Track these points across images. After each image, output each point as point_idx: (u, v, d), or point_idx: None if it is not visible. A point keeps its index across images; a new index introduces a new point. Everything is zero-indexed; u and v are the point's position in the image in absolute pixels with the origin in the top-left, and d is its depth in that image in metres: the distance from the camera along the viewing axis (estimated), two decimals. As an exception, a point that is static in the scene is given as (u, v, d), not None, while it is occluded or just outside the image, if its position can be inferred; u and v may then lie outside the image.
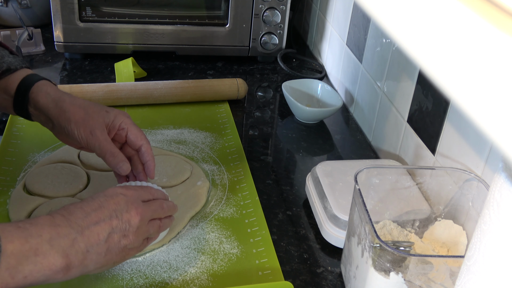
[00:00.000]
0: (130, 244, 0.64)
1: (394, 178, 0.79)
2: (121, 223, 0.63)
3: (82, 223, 0.60)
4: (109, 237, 0.61)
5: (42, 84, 0.77)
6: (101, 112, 0.76)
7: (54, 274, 0.56)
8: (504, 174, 0.42)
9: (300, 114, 1.12)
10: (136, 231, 0.64)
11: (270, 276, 0.74)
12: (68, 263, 0.57)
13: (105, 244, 0.61)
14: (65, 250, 0.57)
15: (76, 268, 0.58)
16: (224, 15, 1.27)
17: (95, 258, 0.60)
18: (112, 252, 0.62)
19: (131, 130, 0.77)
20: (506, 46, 0.21)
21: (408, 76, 0.92)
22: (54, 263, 0.55)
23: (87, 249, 0.59)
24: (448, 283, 0.61)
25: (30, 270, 0.54)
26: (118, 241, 0.62)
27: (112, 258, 0.62)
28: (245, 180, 0.92)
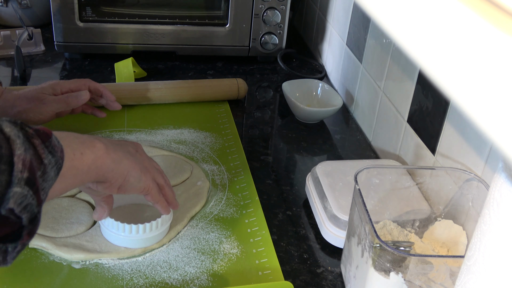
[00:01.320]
0: (139, 155, 0.70)
1: (394, 178, 0.79)
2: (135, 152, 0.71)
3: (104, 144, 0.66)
4: (119, 142, 0.70)
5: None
6: (38, 89, 0.92)
7: (100, 152, 0.62)
8: (504, 174, 0.42)
9: (300, 114, 1.12)
10: (143, 154, 0.73)
11: (270, 276, 0.74)
12: (105, 145, 0.63)
13: (117, 142, 0.69)
14: (97, 139, 0.64)
15: (111, 150, 0.64)
16: (224, 15, 1.27)
17: (114, 147, 0.66)
18: (123, 149, 0.68)
19: (69, 83, 0.94)
20: (506, 46, 0.21)
21: (408, 76, 0.92)
22: (96, 145, 0.62)
23: (107, 141, 0.66)
24: (448, 283, 0.61)
25: (82, 148, 0.60)
26: (126, 145, 0.70)
27: (125, 152, 0.67)
28: (245, 180, 0.92)
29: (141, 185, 0.69)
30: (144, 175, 0.69)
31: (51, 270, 0.71)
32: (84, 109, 0.99)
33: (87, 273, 0.71)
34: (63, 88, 0.93)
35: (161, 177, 0.73)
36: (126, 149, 0.69)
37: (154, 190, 0.71)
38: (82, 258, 0.73)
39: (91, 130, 1.01)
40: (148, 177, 0.70)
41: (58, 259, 0.73)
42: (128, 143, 0.72)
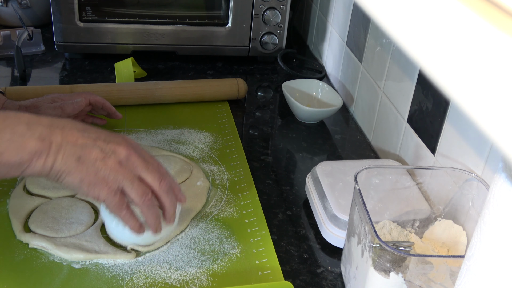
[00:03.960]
0: (105, 172, 0.61)
1: (394, 178, 0.79)
2: (105, 146, 0.62)
3: (66, 123, 0.61)
4: (87, 148, 0.60)
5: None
6: (36, 103, 0.88)
7: (28, 155, 0.56)
8: (504, 174, 0.42)
9: (300, 114, 1.12)
10: (118, 163, 0.61)
11: (270, 276, 0.74)
12: (42, 149, 0.57)
13: (80, 150, 0.60)
14: (41, 135, 0.57)
15: (50, 157, 0.58)
16: (224, 15, 1.27)
17: (66, 158, 0.59)
18: (84, 165, 0.60)
19: (70, 96, 0.92)
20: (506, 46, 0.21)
21: (408, 76, 0.92)
22: (30, 143, 0.56)
23: (62, 143, 0.59)
24: (448, 283, 0.61)
25: (6, 147, 0.55)
26: (95, 159, 0.61)
27: (82, 172, 0.60)
28: (245, 180, 0.92)
29: (89, 194, 0.62)
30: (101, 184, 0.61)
31: (51, 270, 0.71)
32: (84, 118, 0.98)
33: (87, 273, 0.71)
34: (62, 98, 0.92)
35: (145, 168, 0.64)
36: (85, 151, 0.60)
37: (112, 203, 0.63)
38: (82, 258, 0.73)
39: (91, 130, 1.01)
40: (100, 188, 0.61)
41: (58, 259, 0.73)
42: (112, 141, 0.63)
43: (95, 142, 0.61)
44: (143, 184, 0.64)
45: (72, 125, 0.61)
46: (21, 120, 0.57)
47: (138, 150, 0.65)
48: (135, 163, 0.64)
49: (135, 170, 0.64)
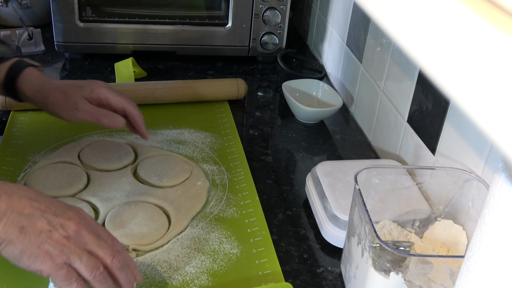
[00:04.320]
0: (50, 245, 0.57)
1: (394, 178, 0.79)
2: (54, 219, 0.58)
3: (16, 190, 0.58)
4: (32, 219, 0.57)
5: (26, 75, 0.84)
6: (76, 89, 0.83)
7: None
8: (504, 174, 0.42)
9: (300, 114, 1.12)
10: (65, 238, 0.57)
11: (270, 276, 0.74)
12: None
13: (25, 221, 0.56)
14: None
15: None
16: (224, 15, 1.27)
17: (8, 226, 0.55)
18: (27, 236, 0.56)
19: (110, 98, 0.84)
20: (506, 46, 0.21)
21: (408, 76, 0.92)
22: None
23: (6, 211, 0.56)
24: (448, 283, 0.61)
25: None
26: (39, 231, 0.56)
27: (24, 243, 0.56)
28: (245, 180, 0.92)
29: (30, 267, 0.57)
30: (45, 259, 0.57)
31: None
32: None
33: None
34: (102, 97, 0.84)
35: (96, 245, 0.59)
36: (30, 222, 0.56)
37: (58, 277, 0.57)
38: (82, 258, 0.73)
39: (91, 130, 1.01)
40: (43, 262, 0.57)
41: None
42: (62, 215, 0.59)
43: (43, 213, 0.57)
44: (93, 258, 0.58)
45: (23, 192, 0.58)
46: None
47: (91, 226, 0.60)
48: (85, 238, 0.59)
49: (84, 245, 0.59)
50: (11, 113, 1.04)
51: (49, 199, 0.60)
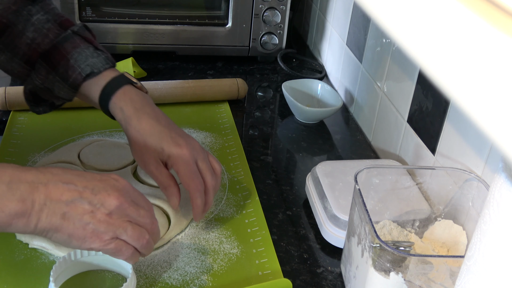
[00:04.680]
0: (95, 225, 0.58)
1: (394, 178, 0.79)
2: (94, 198, 0.58)
3: (51, 177, 0.57)
4: (73, 203, 0.57)
5: (117, 99, 0.75)
6: (157, 148, 0.73)
7: (9, 218, 0.54)
8: (504, 174, 0.42)
9: (300, 114, 1.12)
10: (109, 215, 0.59)
11: (270, 276, 0.74)
12: (23, 210, 0.55)
13: (65, 207, 0.57)
14: (23, 195, 0.55)
15: (32, 218, 0.55)
16: (224, 15, 1.27)
17: (50, 216, 0.56)
18: (70, 221, 0.57)
19: (181, 175, 0.72)
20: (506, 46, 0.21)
21: (408, 76, 0.92)
22: (9, 205, 0.54)
23: (45, 201, 0.56)
24: (448, 283, 0.61)
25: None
26: (82, 213, 0.57)
27: (68, 229, 0.57)
28: (245, 180, 0.92)
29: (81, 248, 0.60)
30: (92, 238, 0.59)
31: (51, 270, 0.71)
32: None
33: (87, 273, 0.71)
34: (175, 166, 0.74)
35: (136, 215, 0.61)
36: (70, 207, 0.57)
37: (109, 252, 0.61)
38: (82, 258, 0.73)
39: (91, 130, 1.01)
40: (91, 242, 0.59)
41: (58, 259, 0.73)
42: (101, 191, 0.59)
43: (82, 195, 0.58)
44: (137, 227, 0.61)
45: (57, 177, 0.58)
46: (1, 179, 0.54)
47: (129, 195, 0.62)
48: (126, 210, 0.61)
49: (127, 217, 0.61)
50: (11, 113, 1.04)
51: (84, 177, 0.60)
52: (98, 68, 0.77)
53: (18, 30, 0.77)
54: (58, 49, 0.77)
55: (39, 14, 0.78)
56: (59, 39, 0.78)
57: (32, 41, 0.77)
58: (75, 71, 0.76)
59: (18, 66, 0.79)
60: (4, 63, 0.79)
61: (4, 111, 1.04)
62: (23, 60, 0.78)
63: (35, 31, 0.77)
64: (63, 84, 0.78)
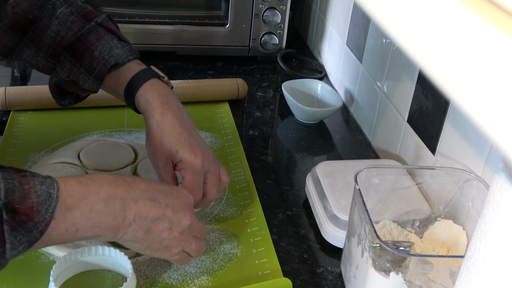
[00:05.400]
0: (169, 241, 0.65)
1: (394, 178, 0.79)
2: (173, 216, 0.64)
3: (141, 194, 0.62)
4: (157, 220, 0.62)
5: (144, 90, 0.75)
6: (172, 148, 0.72)
7: (102, 231, 0.58)
8: (504, 174, 0.42)
9: (300, 114, 1.12)
10: (181, 233, 0.65)
11: (270, 276, 0.74)
12: (115, 225, 0.59)
13: (150, 223, 0.62)
14: (116, 212, 0.59)
15: (121, 231, 0.60)
16: (224, 15, 1.27)
17: (136, 231, 0.61)
18: (151, 235, 0.63)
19: (185, 182, 0.72)
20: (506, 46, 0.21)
21: (408, 76, 0.92)
22: (104, 221, 0.58)
23: (134, 218, 0.60)
24: (448, 283, 0.61)
25: (82, 224, 0.56)
26: (162, 230, 0.63)
27: (148, 241, 0.63)
28: (245, 180, 0.92)
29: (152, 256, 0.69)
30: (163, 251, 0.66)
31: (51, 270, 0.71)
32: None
33: (88, 273, 0.71)
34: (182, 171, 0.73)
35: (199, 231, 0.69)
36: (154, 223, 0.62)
37: (174, 261, 0.69)
38: (82, 258, 0.73)
39: (91, 130, 1.01)
40: (163, 253, 0.66)
41: (58, 259, 0.73)
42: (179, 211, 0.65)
43: (164, 212, 0.63)
44: (198, 241, 0.69)
45: (145, 195, 0.62)
46: (100, 195, 0.58)
47: (193, 211, 0.69)
48: (194, 228, 0.67)
49: (193, 233, 0.68)
50: (11, 113, 1.04)
51: (166, 194, 0.65)
52: (122, 59, 0.77)
53: (44, 24, 0.78)
54: (82, 41, 0.78)
55: (63, 7, 0.79)
56: (83, 31, 0.78)
57: (56, 35, 0.78)
58: (99, 63, 0.77)
59: (43, 60, 0.80)
60: (29, 57, 0.80)
61: (4, 111, 1.04)
62: (48, 54, 0.79)
63: (59, 24, 0.78)
64: (88, 76, 0.78)
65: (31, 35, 0.78)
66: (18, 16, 0.77)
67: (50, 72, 0.82)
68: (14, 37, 0.78)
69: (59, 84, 0.82)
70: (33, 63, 0.81)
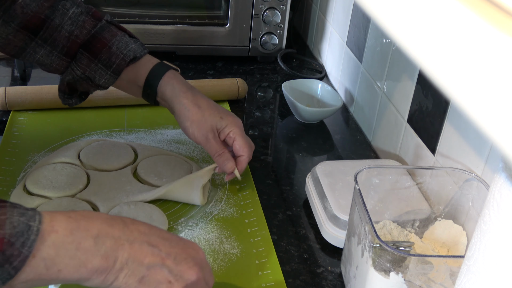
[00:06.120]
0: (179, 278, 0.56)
1: (394, 178, 0.79)
2: (175, 267, 0.56)
3: (138, 236, 0.56)
4: (154, 268, 0.55)
5: (168, 78, 0.84)
6: (215, 117, 0.83)
7: (89, 274, 0.52)
8: (504, 174, 0.42)
9: (300, 114, 1.12)
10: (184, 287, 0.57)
11: (270, 276, 0.74)
12: (105, 267, 0.53)
13: (145, 271, 0.55)
14: (107, 252, 0.53)
15: (111, 275, 0.53)
16: (224, 15, 1.27)
17: (128, 277, 0.54)
18: (146, 285, 0.55)
19: (237, 140, 0.83)
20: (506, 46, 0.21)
21: (408, 76, 0.92)
22: (93, 261, 0.52)
23: (127, 261, 0.54)
24: (448, 283, 0.61)
25: (66, 264, 0.51)
26: (160, 281, 0.55)
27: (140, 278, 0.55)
28: (245, 180, 0.92)
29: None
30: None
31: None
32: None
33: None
34: (231, 136, 0.83)
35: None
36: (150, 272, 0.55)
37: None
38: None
39: (91, 130, 1.01)
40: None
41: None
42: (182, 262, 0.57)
43: (164, 261, 0.56)
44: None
45: (144, 237, 0.56)
46: (90, 232, 0.52)
47: (204, 270, 0.60)
48: (199, 286, 0.59)
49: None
50: (11, 113, 1.04)
51: (169, 242, 0.57)
52: (139, 53, 0.84)
53: (56, 24, 0.81)
54: (98, 38, 0.82)
55: (74, 8, 0.82)
56: (97, 29, 0.82)
57: (70, 34, 0.81)
58: (118, 57, 0.82)
59: (57, 59, 0.82)
60: (43, 57, 0.82)
61: (4, 111, 1.04)
62: (63, 53, 0.82)
63: (72, 24, 0.81)
64: (105, 71, 0.82)
65: (43, 35, 0.80)
66: (29, 16, 0.79)
67: (62, 72, 0.84)
68: (25, 37, 0.80)
69: (72, 82, 0.84)
70: (47, 63, 0.83)
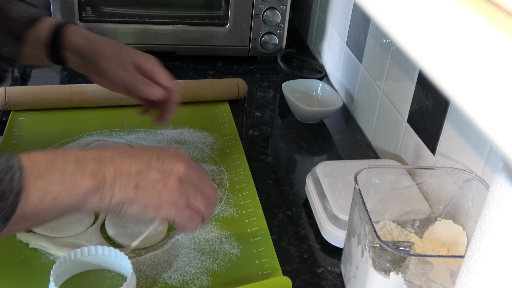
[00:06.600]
0: (169, 193, 0.58)
1: (394, 178, 0.79)
2: (160, 166, 0.58)
3: (114, 153, 0.58)
4: (142, 174, 0.57)
5: (71, 26, 0.81)
6: (132, 52, 0.81)
7: (84, 195, 0.54)
8: (504, 174, 0.42)
9: (300, 114, 1.12)
10: (178, 182, 0.59)
11: (270, 276, 0.74)
12: (97, 185, 0.55)
13: (135, 178, 0.57)
14: (93, 171, 0.55)
15: (106, 192, 0.55)
16: (224, 15, 1.27)
17: (124, 188, 0.56)
18: (144, 190, 0.57)
19: (162, 73, 0.81)
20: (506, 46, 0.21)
21: (408, 76, 0.92)
22: (82, 182, 0.54)
23: (115, 175, 0.56)
24: (448, 283, 0.61)
25: (58, 190, 0.52)
26: (153, 182, 0.58)
27: (144, 198, 0.57)
28: (245, 180, 0.92)
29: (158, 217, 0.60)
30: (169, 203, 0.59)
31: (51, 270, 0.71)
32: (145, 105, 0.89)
33: (88, 273, 0.71)
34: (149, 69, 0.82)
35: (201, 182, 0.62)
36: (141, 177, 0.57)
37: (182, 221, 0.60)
38: (82, 258, 0.73)
39: (91, 130, 1.01)
40: (168, 210, 0.59)
41: (58, 259, 0.73)
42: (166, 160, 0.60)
43: (149, 165, 0.58)
44: (205, 193, 0.62)
45: (120, 153, 0.58)
46: (69, 159, 0.54)
47: (190, 162, 0.62)
48: (193, 177, 0.61)
49: (195, 183, 0.62)
50: (11, 113, 1.04)
51: (145, 151, 0.60)
52: (38, 14, 0.81)
53: None
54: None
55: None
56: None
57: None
58: (16, 21, 0.79)
59: None
60: None
61: (4, 111, 1.04)
62: None
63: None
64: (6, 38, 0.79)
65: None
66: None
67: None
68: None
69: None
70: None
